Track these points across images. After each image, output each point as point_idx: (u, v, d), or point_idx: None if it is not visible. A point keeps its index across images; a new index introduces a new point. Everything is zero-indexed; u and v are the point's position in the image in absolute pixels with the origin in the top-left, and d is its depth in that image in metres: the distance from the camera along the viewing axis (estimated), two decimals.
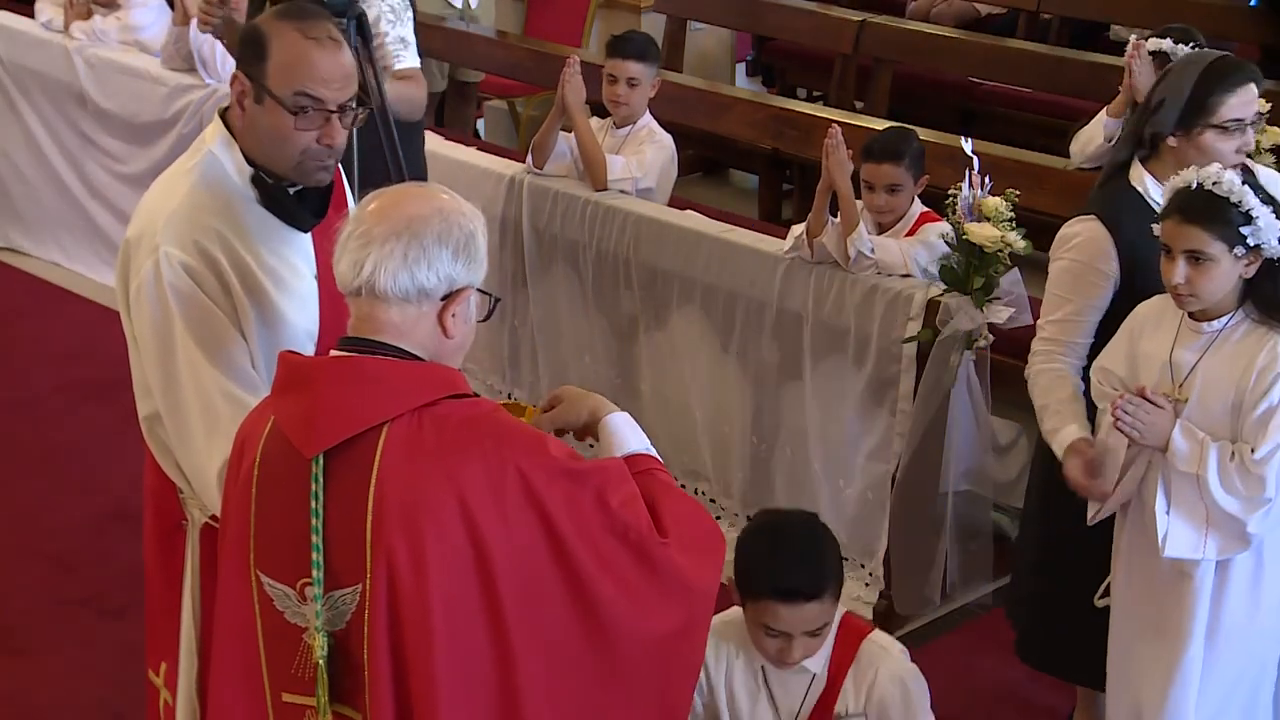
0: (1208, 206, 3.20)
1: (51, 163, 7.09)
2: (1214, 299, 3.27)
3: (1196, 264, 3.22)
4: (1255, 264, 3.24)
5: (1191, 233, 3.21)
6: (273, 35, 2.82)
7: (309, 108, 2.80)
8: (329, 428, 2.39)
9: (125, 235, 2.94)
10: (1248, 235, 3.19)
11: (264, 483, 2.47)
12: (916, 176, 4.69)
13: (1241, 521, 3.24)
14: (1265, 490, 3.22)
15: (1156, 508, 3.31)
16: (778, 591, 3.01)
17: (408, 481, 2.35)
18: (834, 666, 3.13)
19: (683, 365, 5.18)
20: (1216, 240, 3.20)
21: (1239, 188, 3.19)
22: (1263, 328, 3.27)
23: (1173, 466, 3.28)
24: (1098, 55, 7.14)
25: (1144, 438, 3.28)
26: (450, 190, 2.52)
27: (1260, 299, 3.27)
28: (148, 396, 2.93)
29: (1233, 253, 3.20)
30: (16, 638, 4.57)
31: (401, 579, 2.35)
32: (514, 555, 2.38)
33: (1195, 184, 3.23)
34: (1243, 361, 3.26)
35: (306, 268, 2.95)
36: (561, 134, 5.39)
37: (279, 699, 2.51)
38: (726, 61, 8.85)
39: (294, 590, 2.45)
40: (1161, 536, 3.29)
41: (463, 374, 2.50)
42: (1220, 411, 3.29)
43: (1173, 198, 3.27)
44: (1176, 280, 3.24)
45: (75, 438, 5.63)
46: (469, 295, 2.46)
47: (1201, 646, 3.38)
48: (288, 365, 2.50)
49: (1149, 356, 3.40)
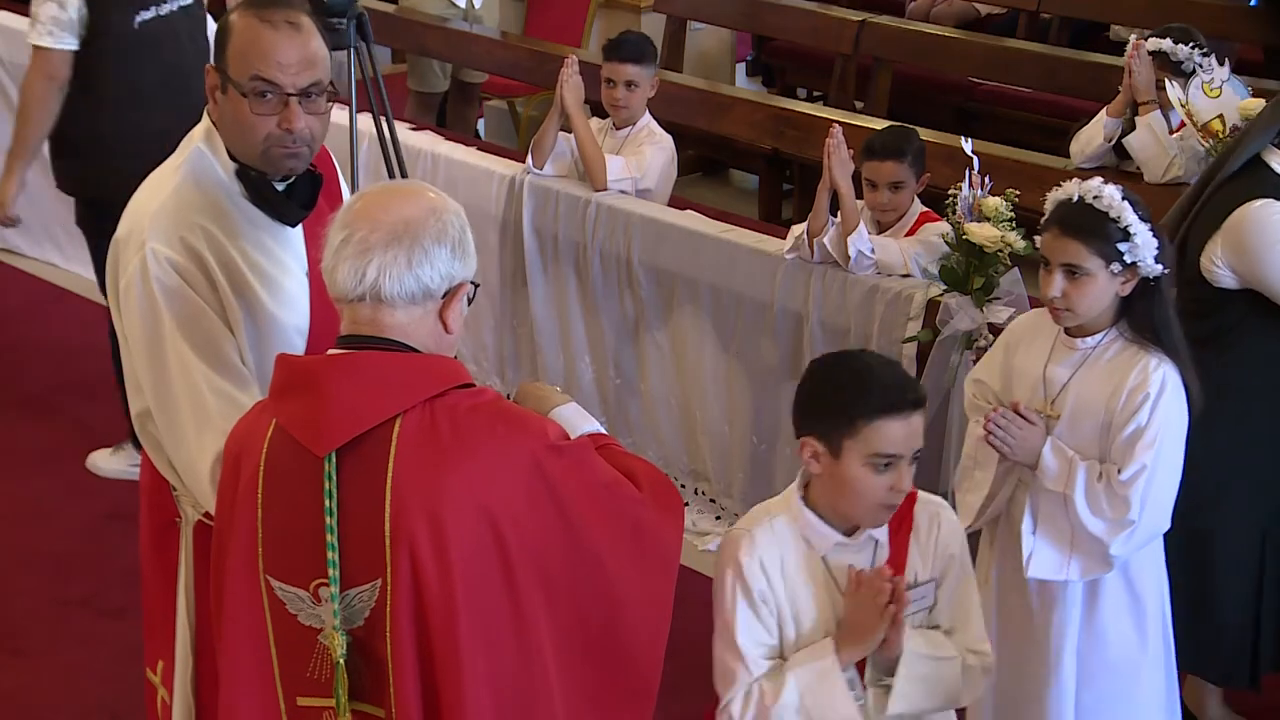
0: (1087, 221, 3.16)
1: (49, 163, 7.06)
2: (1090, 315, 3.23)
3: (1073, 279, 3.18)
4: (1132, 282, 3.20)
5: (1070, 246, 3.18)
6: (233, 23, 2.83)
7: (265, 92, 2.79)
8: (340, 426, 2.39)
9: (115, 234, 2.94)
10: (1125, 252, 3.15)
11: (270, 487, 2.46)
12: (918, 174, 4.68)
13: (1104, 543, 3.21)
14: (1129, 512, 3.18)
15: (1023, 528, 3.28)
16: (890, 407, 2.78)
17: (425, 473, 2.36)
18: (893, 531, 2.95)
19: (683, 365, 5.17)
20: (1094, 255, 3.16)
21: (1119, 203, 3.15)
22: (1135, 347, 3.23)
23: (1041, 485, 3.26)
24: (1098, 55, 7.14)
25: (1014, 454, 3.25)
26: (430, 185, 2.53)
27: (1134, 318, 3.24)
28: (139, 393, 2.93)
29: (1109, 269, 3.17)
30: (16, 638, 4.57)
31: (425, 570, 2.36)
32: (529, 537, 2.40)
33: (1076, 197, 3.19)
34: (1114, 381, 3.23)
35: (297, 264, 2.94)
36: (562, 134, 5.39)
37: (294, 703, 2.51)
38: (726, 61, 8.84)
39: (308, 592, 2.45)
40: (1026, 556, 3.28)
41: (461, 364, 2.52)
42: (1091, 430, 3.26)
43: (1054, 209, 3.24)
44: (1053, 294, 3.20)
45: (75, 438, 5.63)
46: (465, 290, 2.48)
47: (1072, 674, 3.35)
48: (287, 367, 2.50)
49: (1023, 371, 3.37)
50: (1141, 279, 3.20)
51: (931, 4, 8.85)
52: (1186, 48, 5.01)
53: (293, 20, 2.81)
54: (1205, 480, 3.60)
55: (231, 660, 2.56)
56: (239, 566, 2.51)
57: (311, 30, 2.84)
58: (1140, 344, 3.22)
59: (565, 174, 5.45)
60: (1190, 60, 4.98)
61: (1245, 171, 3.69)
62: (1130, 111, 5.21)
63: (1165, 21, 5.25)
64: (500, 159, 5.78)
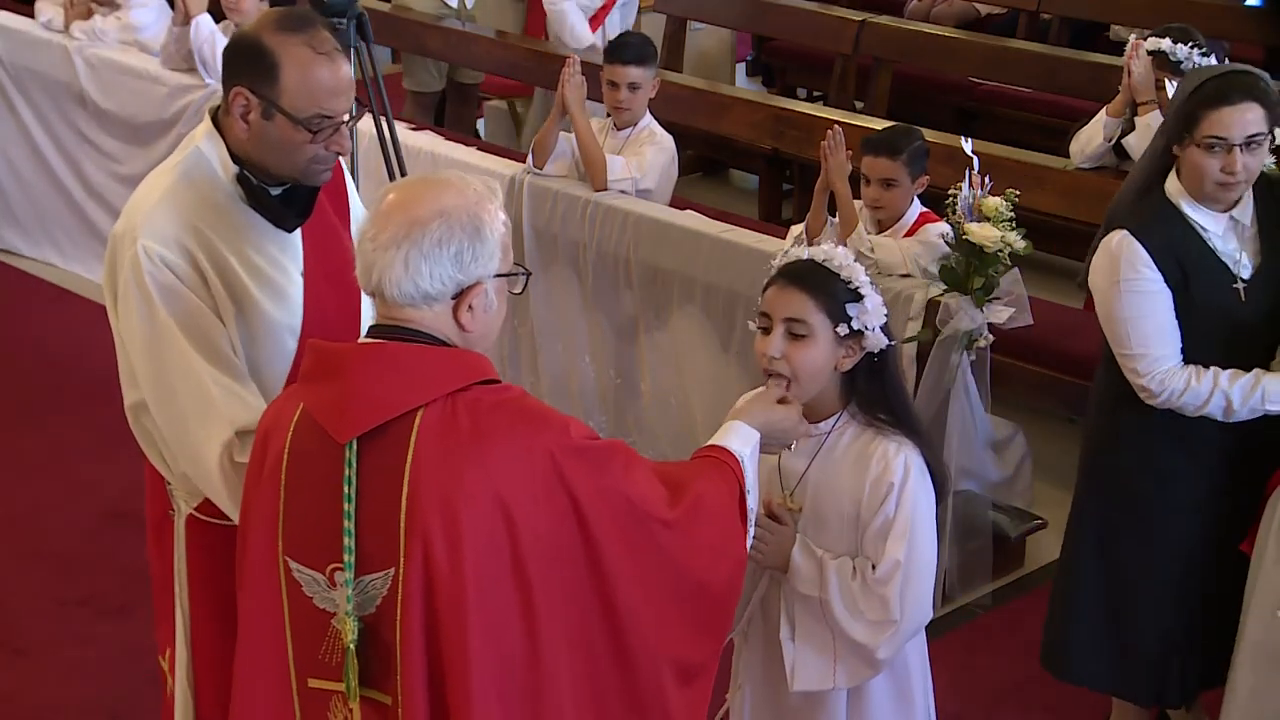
0: (814, 275, 2.94)
1: (49, 163, 7.09)
2: (810, 382, 2.96)
3: (795, 339, 2.93)
4: (854, 356, 2.96)
5: (795, 299, 2.94)
6: (282, 54, 2.81)
7: (325, 126, 2.83)
8: (362, 414, 2.41)
9: (113, 230, 2.95)
10: (853, 316, 2.92)
11: (294, 469, 2.49)
12: (915, 175, 4.66)
13: (868, 647, 2.97)
14: (890, 612, 2.94)
15: (781, 634, 3.04)
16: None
17: (443, 466, 2.37)
18: None
19: (683, 365, 5.18)
20: (819, 311, 2.92)
21: (850, 264, 2.95)
22: (870, 430, 3.01)
23: (794, 588, 3.02)
24: (1098, 55, 7.14)
25: (765, 559, 3.01)
26: (463, 176, 2.51)
27: (862, 398, 3.01)
28: (133, 386, 2.95)
29: (835, 330, 2.92)
30: (16, 638, 4.57)
31: (437, 562, 2.37)
32: (543, 537, 2.41)
33: (806, 256, 2.98)
34: (856, 471, 3.00)
35: (293, 266, 2.96)
36: (563, 134, 5.40)
37: (305, 684, 2.52)
38: (726, 61, 8.83)
39: (324, 575, 2.47)
40: (789, 667, 3.03)
41: (488, 359, 2.51)
42: (837, 524, 3.03)
43: (781, 266, 3.02)
44: (773, 353, 2.94)
45: (74, 438, 5.63)
46: (484, 289, 2.47)
47: None
48: (318, 353, 2.52)
49: None
50: (866, 354, 2.97)
51: (931, 4, 8.85)
52: (1186, 48, 5.01)
53: (338, 46, 2.86)
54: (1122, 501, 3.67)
55: (248, 636, 2.58)
56: (260, 545, 2.53)
57: (341, 48, 2.88)
58: (876, 427, 3.00)
59: (566, 174, 5.45)
60: (1190, 60, 4.98)
61: (1143, 187, 3.63)
62: (1130, 111, 5.21)
63: (1165, 21, 5.25)
64: (500, 159, 5.78)
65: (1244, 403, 3.51)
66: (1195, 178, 3.51)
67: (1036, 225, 4.66)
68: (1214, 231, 3.56)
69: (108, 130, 6.83)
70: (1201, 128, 3.45)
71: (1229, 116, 3.43)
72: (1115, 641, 3.82)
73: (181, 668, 3.06)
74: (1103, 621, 3.82)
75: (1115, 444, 3.76)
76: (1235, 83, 3.49)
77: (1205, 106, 3.46)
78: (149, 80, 6.60)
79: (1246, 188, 3.54)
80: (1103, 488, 3.81)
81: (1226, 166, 3.46)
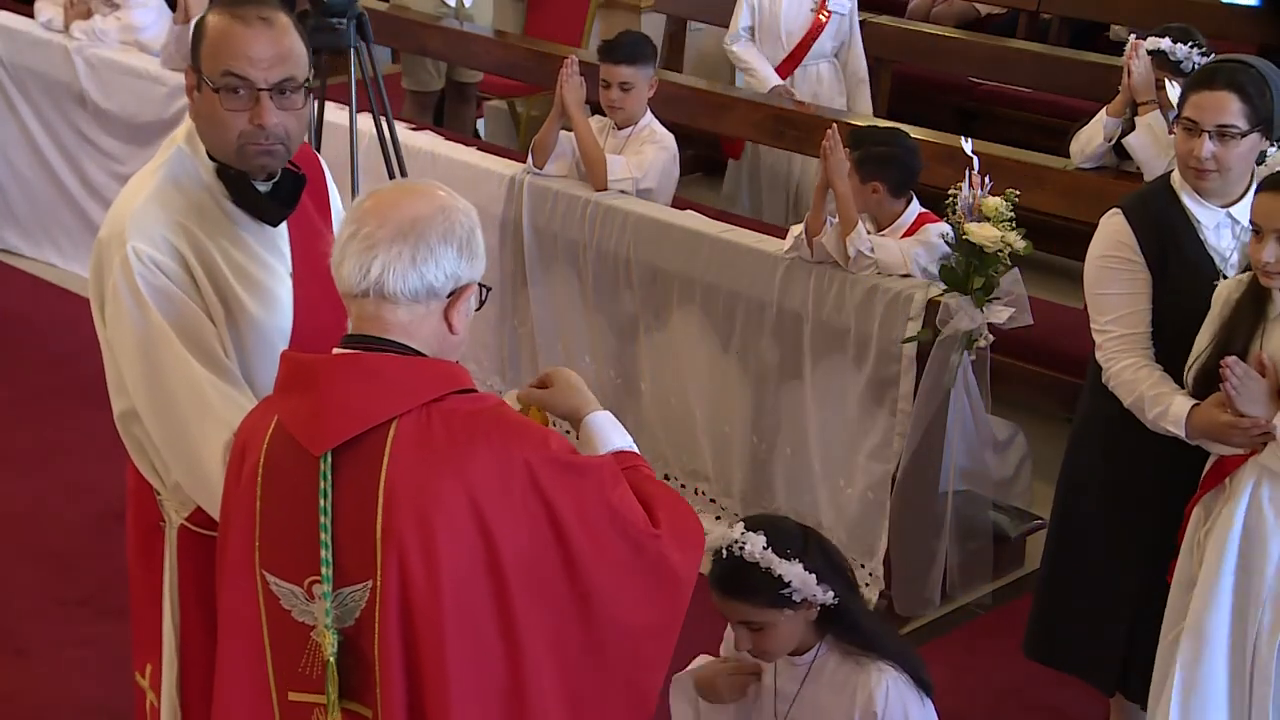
0: (743, 580, 3.03)
1: (49, 163, 7.08)
2: (789, 649, 3.11)
3: (757, 631, 3.06)
4: (814, 609, 3.07)
5: (739, 608, 3.06)
6: (207, 22, 2.82)
7: (237, 88, 2.77)
8: (337, 425, 2.39)
9: (98, 235, 2.93)
10: (791, 595, 3.01)
11: (269, 482, 2.47)
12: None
13: None
14: None
15: None
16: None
17: (418, 477, 2.36)
18: None
19: (683, 365, 5.18)
20: (765, 609, 3.03)
21: (762, 552, 3.01)
22: (850, 660, 3.12)
23: None
24: (1098, 55, 7.14)
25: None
26: (443, 185, 2.52)
27: (836, 633, 3.13)
28: (121, 394, 2.90)
29: (784, 613, 3.04)
30: (16, 638, 4.57)
31: (413, 574, 2.36)
32: (521, 548, 2.39)
33: (724, 551, 3.05)
34: (846, 692, 3.10)
35: (281, 265, 2.92)
36: (563, 133, 5.39)
37: (285, 698, 2.51)
38: (726, 61, 8.83)
39: (302, 589, 2.45)
40: None
41: (465, 369, 2.51)
42: None
43: (712, 568, 3.08)
44: (744, 650, 3.09)
45: (74, 438, 5.63)
46: (472, 291, 2.47)
47: None
48: (291, 364, 2.50)
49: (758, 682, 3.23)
50: (822, 606, 3.07)
51: (931, 4, 8.84)
52: (1186, 47, 5.01)
53: (265, 16, 2.80)
54: None
55: (227, 650, 2.57)
56: (237, 559, 2.52)
57: (286, 27, 2.82)
58: (854, 656, 3.11)
59: (566, 173, 5.45)
60: (1189, 60, 4.98)
61: (1161, 176, 3.74)
62: (1130, 111, 5.21)
63: (1165, 21, 5.25)
64: (500, 159, 5.78)
65: (1149, 414, 3.53)
66: (1179, 159, 3.59)
67: (1036, 225, 4.66)
68: (1207, 225, 3.59)
69: (108, 130, 6.82)
70: (1183, 108, 3.55)
71: (1204, 100, 3.50)
72: (1079, 625, 3.87)
73: (169, 683, 2.99)
74: (1069, 604, 3.89)
75: (1089, 430, 3.84)
76: (1225, 70, 3.55)
77: (1191, 87, 3.56)
78: (149, 80, 6.59)
79: (1222, 180, 3.57)
80: (1073, 471, 3.88)
81: (1195, 150, 3.50)
